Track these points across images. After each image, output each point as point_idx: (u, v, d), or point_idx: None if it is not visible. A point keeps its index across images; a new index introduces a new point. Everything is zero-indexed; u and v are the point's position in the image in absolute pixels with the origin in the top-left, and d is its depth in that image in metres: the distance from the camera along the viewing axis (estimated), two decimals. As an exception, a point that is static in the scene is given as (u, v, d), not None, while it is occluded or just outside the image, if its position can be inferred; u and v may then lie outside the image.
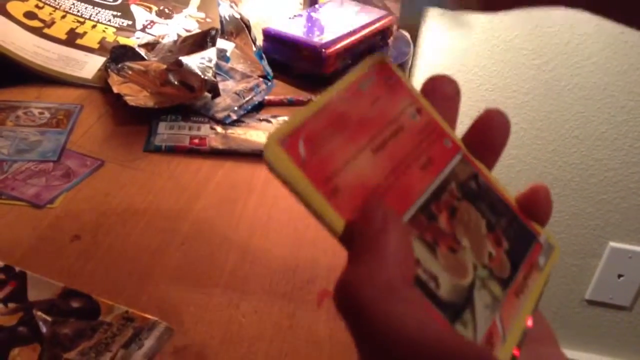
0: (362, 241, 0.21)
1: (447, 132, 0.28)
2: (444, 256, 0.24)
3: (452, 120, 0.28)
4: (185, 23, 0.96)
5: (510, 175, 1.24)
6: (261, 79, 0.83)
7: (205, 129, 0.74)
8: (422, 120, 0.27)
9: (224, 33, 0.92)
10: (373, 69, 0.26)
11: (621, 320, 1.40)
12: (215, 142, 0.72)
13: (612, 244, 1.29)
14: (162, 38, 0.88)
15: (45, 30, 0.85)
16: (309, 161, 0.22)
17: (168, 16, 0.96)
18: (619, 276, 1.32)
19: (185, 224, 0.60)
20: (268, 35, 0.90)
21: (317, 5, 1.01)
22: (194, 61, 0.75)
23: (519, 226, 0.28)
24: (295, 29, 0.90)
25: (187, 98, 0.75)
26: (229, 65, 0.86)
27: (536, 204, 0.28)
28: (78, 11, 0.90)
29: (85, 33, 0.87)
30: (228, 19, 0.91)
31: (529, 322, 0.26)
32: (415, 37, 1.08)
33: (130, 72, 0.79)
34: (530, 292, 0.26)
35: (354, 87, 0.25)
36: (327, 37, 0.87)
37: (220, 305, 0.51)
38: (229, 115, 0.76)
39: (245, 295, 0.52)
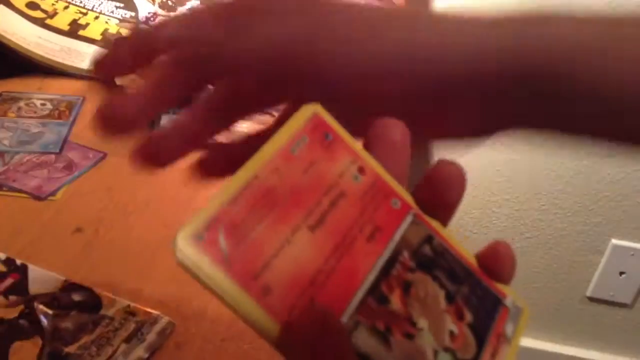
0: (299, 353, 0.19)
1: (395, 191, 0.24)
2: (400, 345, 0.21)
3: (402, 173, 0.25)
4: (189, 15, 0.95)
5: (512, 171, 1.23)
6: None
7: (208, 122, 0.73)
8: (366, 181, 0.23)
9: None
10: (306, 124, 0.23)
11: (622, 318, 1.39)
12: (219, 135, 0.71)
13: (614, 241, 1.29)
14: (165, 30, 0.87)
15: (48, 21, 0.85)
16: (232, 257, 0.19)
17: (171, 8, 0.95)
18: (621, 273, 1.32)
19: (188, 217, 0.59)
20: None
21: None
22: (197, 54, 0.75)
23: (482, 291, 0.25)
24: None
25: (190, 91, 0.75)
26: (232, 58, 0.86)
27: (498, 262, 0.26)
28: (81, 2, 0.89)
29: (87, 24, 0.87)
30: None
31: None
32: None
33: (132, 64, 0.78)
34: None
35: (284, 152, 0.22)
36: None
37: (222, 300, 0.51)
38: (232, 109, 0.75)
39: (247, 291, 0.52)
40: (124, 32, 0.88)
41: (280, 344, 0.19)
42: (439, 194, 0.25)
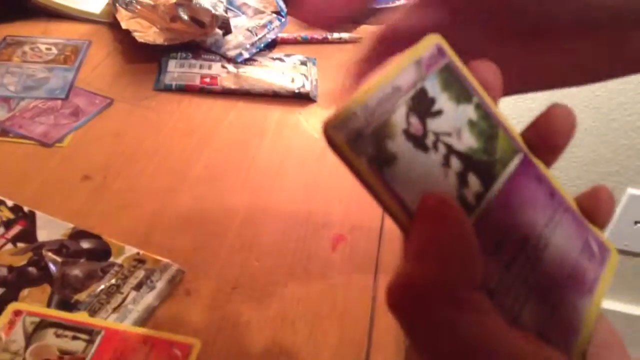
0: (420, 239, 0.19)
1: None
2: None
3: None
4: (196, -45, 0.91)
5: (528, 118, 1.20)
6: (274, 15, 0.80)
7: (216, 68, 0.71)
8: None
9: (236, -34, 0.88)
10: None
11: (636, 267, 1.39)
12: (227, 82, 0.69)
13: (630, 190, 1.26)
14: (172, -29, 0.84)
15: (51, -38, 0.82)
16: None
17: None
18: (636, 223, 1.30)
19: (196, 166, 0.58)
20: (282, -32, 0.86)
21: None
22: (204, -5, 0.72)
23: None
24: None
25: (198, 34, 0.72)
26: (241, 0, 0.83)
27: (597, 205, 0.26)
28: (84, -58, 0.86)
29: (92, -35, 0.84)
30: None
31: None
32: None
33: (139, 7, 0.75)
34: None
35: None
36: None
37: (233, 249, 0.50)
38: (240, 54, 0.73)
39: (258, 239, 0.51)
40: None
41: (408, 233, 0.20)
42: (549, 137, 0.25)
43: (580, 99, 1.18)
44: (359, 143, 0.20)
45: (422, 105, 0.22)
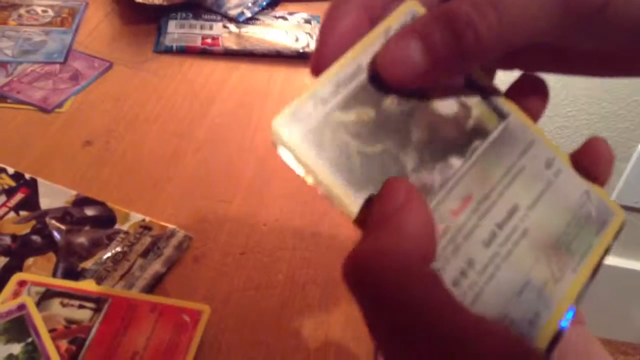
0: (380, 218, 0.19)
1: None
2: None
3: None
4: None
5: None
6: (277, -28, 0.77)
7: (218, 28, 0.69)
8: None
9: None
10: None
11: (645, 225, 1.38)
12: (229, 42, 0.67)
13: (641, 147, 1.25)
14: None
15: None
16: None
17: None
18: (646, 180, 1.29)
19: (200, 129, 0.57)
20: None
21: None
22: (203, -48, 0.69)
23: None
24: None
25: (198, -7, 0.70)
26: (242, -43, 0.80)
27: (595, 161, 0.24)
28: None
29: None
30: None
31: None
32: None
33: (136, -34, 0.73)
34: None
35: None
36: None
37: (240, 213, 0.49)
38: (242, 13, 0.71)
39: (265, 203, 0.50)
40: None
41: (359, 217, 0.20)
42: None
43: (591, 54, 1.15)
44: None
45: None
